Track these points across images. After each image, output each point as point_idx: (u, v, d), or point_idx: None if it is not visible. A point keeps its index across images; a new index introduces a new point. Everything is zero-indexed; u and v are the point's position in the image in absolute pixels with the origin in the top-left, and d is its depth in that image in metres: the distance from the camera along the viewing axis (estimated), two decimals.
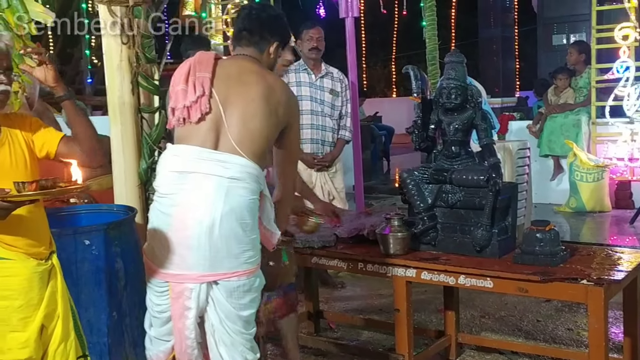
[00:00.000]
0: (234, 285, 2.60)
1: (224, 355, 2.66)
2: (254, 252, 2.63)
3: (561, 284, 3.03)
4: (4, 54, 2.35)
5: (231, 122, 2.61)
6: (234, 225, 2.55)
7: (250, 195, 2.59)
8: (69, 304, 2.49)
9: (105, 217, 3.20)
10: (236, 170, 2.56)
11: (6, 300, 2.32)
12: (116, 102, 3.41)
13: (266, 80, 2.69)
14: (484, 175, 3.31)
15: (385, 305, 4.88)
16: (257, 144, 2.63)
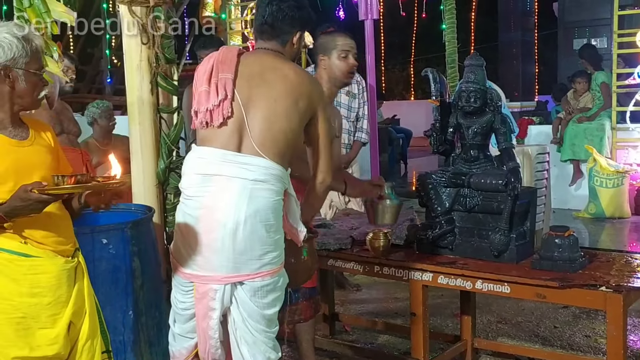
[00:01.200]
0: (257, 285, 2.62)
1: (245, 355, 2.66)
2: (277, 252, 2.65)
3: (580, 290, 3.01)
4: (40, 55, 2.41)
5: (253, 125, 2.60)
6: (257, 227, 2.56)
7: (275, 197, 2.61)
8: (95, 301, 2.52)
9: (123, 216, 3.21)
10: (259, 173, 2.57)
11: (36, 298, 2.34)
12: (135, 102, 3.43)
13: (288, 77, 2.67)
14: (502, 179, 3.30)
15: (401, 309, 4.87)
16: (280, 144, 2.63)
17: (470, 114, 3.49)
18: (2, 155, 2.32)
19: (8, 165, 2.31)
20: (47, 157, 2.44)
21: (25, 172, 2.32)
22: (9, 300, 2.31)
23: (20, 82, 2.33)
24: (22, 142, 2.39)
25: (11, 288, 2.32)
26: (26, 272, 2.33)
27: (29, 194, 2.17)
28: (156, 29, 3.38)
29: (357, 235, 3.78)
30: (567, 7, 11.83)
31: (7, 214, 2.22)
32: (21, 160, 2.35)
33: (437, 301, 4.85)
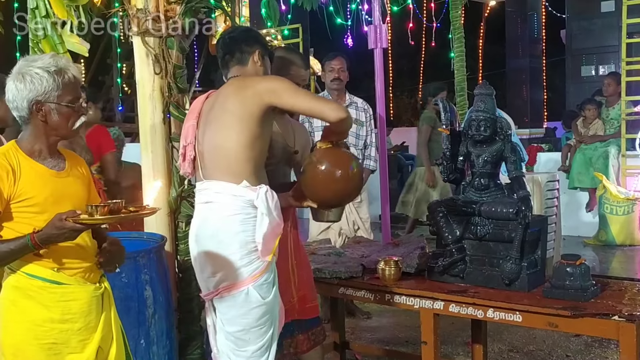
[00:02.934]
0: (217, 300, 2.82)
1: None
2: (233, 268, 2.73)
3: (592, 319, 2.98)
4: (80, 84, 2.47)
5: (204, 154, 2.87)
6: (208, 245, 2.79)
7: (227, 212, 2.75)
8: (120, 327, 2.56)
9: (135, 244, 3.22)
10: (208, 194, 2.82)
11: (67, 324, 2.37)
12: (148, 131, 3.45)
13: (228, 95, 2.83)
14: (513, 208, 3.29)
15: (412, 337, 4.84)
16: (226, 162, 2.78)
17: (481, 143, 3.50)
18: (43, 185, 2.37)
19: (48, 195, 2.37)
20: (81, 187, 2.51)
21: (62, 201, 2.38)
22: (41, 327, 2.35)
23: (52, 115, 2.39)
24: (59, 173, 2.45)
25: (43, 315, 2.35)
26: (58, 299, 2.37)
27: (63, 223, 2.21)
28: (168, 59, 3.42)
29: (368, 263, 3.77)
30: (575, 35, 11.89)
31: (43, 241, 2.26)
32: (59, 190, 2.41)
33: (448, 329, 4.82)
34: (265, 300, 2.77)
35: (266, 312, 2.78)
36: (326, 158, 2.88)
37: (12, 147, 2.42)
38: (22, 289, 2.35)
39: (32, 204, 2.34)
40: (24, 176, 2.35)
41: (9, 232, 2.33)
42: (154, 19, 3.35)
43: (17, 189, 2.32)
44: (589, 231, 7.49)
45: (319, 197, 2.95)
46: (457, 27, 7.21)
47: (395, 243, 4.49)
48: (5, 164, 2.33)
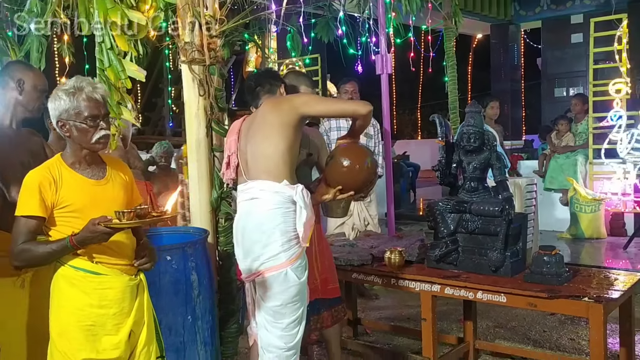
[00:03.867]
0: (259, 280, 2.80)
1: (259, 337, 2.88)
2: (274, 253, 2.74)
3: (566, 300, 2.96)
4: (103, 103, 2.37)
5: (248, 160, 2.89)
6: (254, 234, 2.78)
7: (270, 207, 2.75)
8: (152, 313, 2.50)
9: (184, 237, 3.22)
10: (253, 193, 2.81)
11: (104, 309, 2.33)
12: (194, 143, 3.45)
13: (265, 112, 2.88)
14: (498, 206, 3.28)
15: (413, 315, 4.82)
16: (268, 165, 2.79)
17: (471, 152, 3.48)
18: (81, 193, 2.32)
19: (86, 202, 2.32)
20: (120, 193, 2.44)
21: (100, 206, 2.32)
22: (82, 311, 2.31)
23: (73, 131, 2.32)
24: (98, 181, 2.39)
25: (84, 300, 2.32)
26: (96, 287, 2.33)
27: (96, 227, 2.17)
28: (211, 83, 3.42)
29: (377, 253, 3.76)
30: (549, 62, 11.81)
31: (79, 243, 2.22)
32: (97, 196, 2.35)
33: (443, 308, 4.79)
34: (300, 280, 2.77)
35: (300, 290, 2.79)
36: (348, 153, 2.93)
37: (56, 160, 2.38)
38: (68, 278, 2.32)
39: (72, 210, 2.29)
40: (65, 185, 2.30)
41: (55, 234, 2.30)
42: (199, 50, 3.35)
43: (58, 197, 2.28)
44: (562, 226, 7.43)
45: (343, 184, 2.95)
46: (450, 56, 7.20)
47: (399, 236, 4.48)
48: (48, 176, 2.29)
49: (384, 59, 5.67)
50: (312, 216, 2.80)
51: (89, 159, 2.39)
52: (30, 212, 2.26)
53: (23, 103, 2.77)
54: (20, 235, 2.26)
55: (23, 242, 2.26)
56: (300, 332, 2.83)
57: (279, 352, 2.79)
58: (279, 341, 2.79)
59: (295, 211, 2.75)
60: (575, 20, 11.19)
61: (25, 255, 2.26)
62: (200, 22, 3.30)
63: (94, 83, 2.38)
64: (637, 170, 6.95)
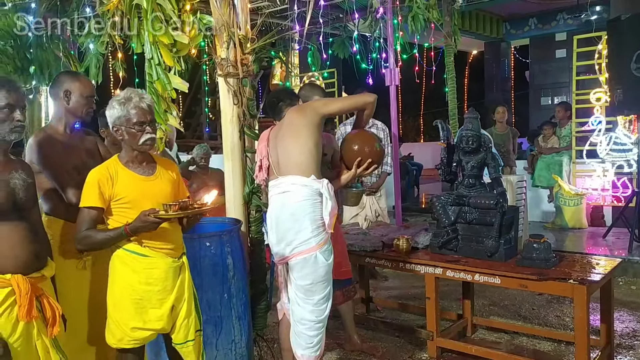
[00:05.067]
0: (292, 262, 2.78)
1: (292, 312, 2.87)
2: (305, 238, 2.73)
3: (553, 282, 2.93)
4: (149, 111, 2.40)
5: (278, 159, 2.87)
6: (287, 223, 2.75)
7: (300, 199, 2.74)
8: (192, 291, 2.51)
9: (221, 226, 3.23)
10: (285, 186, 2.79)
11: (150, 286, 2.36)
12: (229, 146, 3.46)
13: (294, 115, 2.88)
14: (493, 200, 3.25)
15: (418, 294, 4.79)
16: (299, 161, 2.78)
17: (469, 153, 3.45)
18: (133, 187, 2.36)
19: (137, 195, 2.35)
20: (167, 188, 2.46)
21: (149, 199, 2.35)
22: (132, 286, 2.35)
23: (125, 134, 2.37)
24: (148, 178, 2.42)
25: (133, 277, 2.35)
26: (144, 267, 2.36)
27: (146, 218, 2.22)
28: (243, 94, 3.42)
29: (387, 240, 3.75)
30: (536, 74, 11.70)
31: (133, 231, 2.27)
32: (147, 191, 2.38)
33: (444, 288, 4.75)
34: (327, 262, 2.77)
35: (328, 271, 2.79)
36: (358, 138, 3.01)
37: (114, 159, 2.42)
38: (121, 258, 2.36)
39: (125, 202, 2.33)
40: (120, 181, 2.34)
41: (112, 223, 2.35)
42: (233, 65, 3.36)
43: (114, 191, 2.32)
44: (548, 218, 7.35)
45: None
46: (450, 69, 7.15)
47: (406, 226, 4.46)
48: (106, 173, 2.34)
49: (392, 72, 5.63)
50: (336, 206, 2.81)
51: (140, 158, 2.42)
52: (91, 203, 2.31)
53: (72, 110, 2.74)
54: (84, 224, 2.31)
55: (86, 229, 2.31)
56: (328, 307, 2.83)
57: (310, 324, 2.80)
58: (311, 315, 2.79)
59: (322, 202, 2.75)
60: (559, 38, 11.07)
61: (87, 241, 2.31)
62: (234, 41, 3.31)
63: (142, 94, 2.41)
64: (614, 168, 6.85)
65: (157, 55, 3.14)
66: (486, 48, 12.68)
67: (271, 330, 3.80)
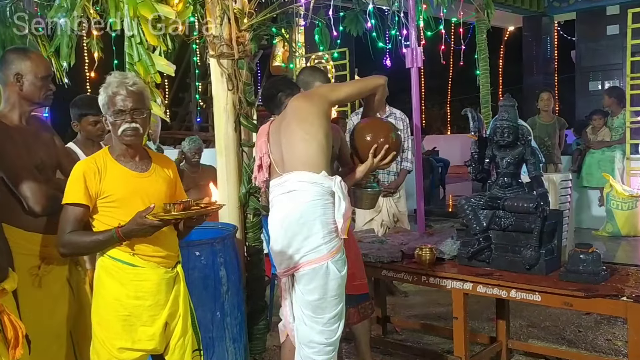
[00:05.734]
0: (300, 274, 2.74)
1: (296, 332, 2.83)
2: (314, 246, 2.70)
3: (603, 299, 2.91)
4: (132, 97, 2.39)
5: (282, 154, 2.84)
6: (292, 227, 2.71)
7: (309, 199, 2.70)
8: (189, 306, 2.53)
9: (212, 232, 3.25)
10: (290, 185, 2.75)
11: (139, 300, 2.38)
12: (222, 138, 3.47)
13: (299, 102, 2.88)
14: (533, 203, 3.23)
15: (443, 313, 4.78)
16: (307, 154, 2.76)
17: (504, 147, 3.43)
18: (123, 184, 2.39)
19: (127, 193, 2.37)
20: (163, 187, 2.48)
21: (141, 198, 2.38)
22: (119, 301, 2.37)
23: (109, 123, 2.42)
24: (142, 174, 2.45)
25: (120, 291, 2.37)
26: (132, 279, 2.38)
27: (144, 219, 2.24)
28: (239, 78, 3.43)
29: (407, 249, 3.74)
30: (584, 54, 11.62)
31: (126, 235, 2.29)
32: (139, 188, 2.41)
33: (474, 307, 4.74)
34: (340, 274, 2.75)
35: (341, 284, 2.77)
36: (370, 127, 3.02)
37: (104, 152, 2.46)
38: (106, 268, 2.38)
39: (113, 200, 2.35)
40: (108, 176, 2.37)
41: (97, 224, 2.37)
42: (227, 44, 3.36)
43: (101, 187, 2.35)
44: (597, 224, 7.31)
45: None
46: (482, 49, 7.11)
47: (430, 233, 4.45)
48: (93, 167, 2.37)
49: (413, 52, 5.61)
50: (350, 208, 2.80)
51: (132, 152, 2.46)
52: (76, 199, 2.33)
53: (27, 96, 2.62)
54: (68, 224, 2.34)
55: (70, 230, 2.33)
56: (340, 328, 2.81)
57: (319, 347, 2.77)
58: (320, 336, 2.76)
59: (334, 203, 2.73)
60: (611, 12, 10.98)
61: (72, 244, 2.34)
62: (229, 16, 3.31)
63: (124, 77, 2.41)
64: None
65: (138, 33, 3.15)
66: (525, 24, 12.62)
67: (271, 354, 3.80)
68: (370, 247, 3.87)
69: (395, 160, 5.11)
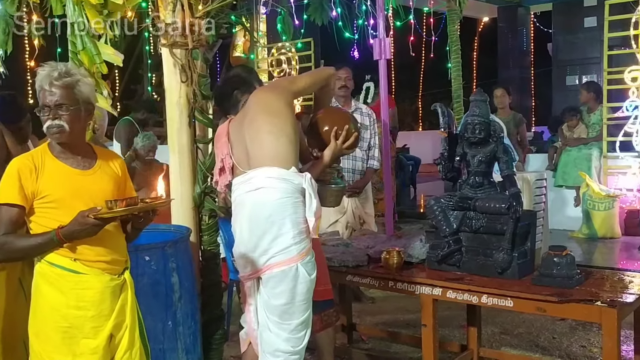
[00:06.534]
0: (267, 277, 2.76)
1: (261, 340, 2.84)
2: (283, 246, 2.72)
3: (577, 304, 2.96)
4: (55, 91, 2.33)
5: (246, 149, 2.87)
6: (260, 226, 2.72)
7: (278, 196, 2.72)
8: (137, 316, 2.50)
9: (163, 235, 3.21)
10: (257, 181, 2.76)
11: (81, 310, 2.34)
12: (175, 134, 3.44)
13: (263, 95, 2.92)
14: (505, 203, 3.27)
15: (412, 320, 4.83)
16: (274, 148, 2.77)
17: (475, 144, 3.48)
18: (63, 182, 2.34)
19: (67, 193, 2.33)
20: (109, 185, 2.45)
21: (83, 197, 2.34)
22: (58, 311, 2.33)
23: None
24: (84, 172, 2.41)
25: (60, 300, 2.33)
26: (73, 287, 2.34)
27: (86, 219, 2.21)
28: (194, 69, 3.41)
29: (373, 253, 3.76)
30: (560, 47, 11.84)
31: (67, 237, 2.25)
32: (81, 187, 2.37)
33: (445, 313, 4.79)
34: (310, 277, 2.77)
35: (310, 289, 2.79)
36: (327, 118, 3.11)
37: (42, 148, 2.41)
38: (45, 275, 2.34)
39: (51, 200, 2.32)
40: (46, 174, 2.33)
41: (35, 226, 2.33)
42: (181, 32, 3.33)
43: (38, 186, 2.31)
44: (574, 225, 7.46)
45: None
46: (454, 40, 7.20)
47: (398, 235, 4.48)
48: (29, 164, 2.33)
49: (382, 43, 5.64)
50: (320, 206, 2.82)
51: (73, 148, 2.41)
52: (10, 199, 2.29)
53: None
54: (1, 226, 2.29)
55: (4, 233, 2.28)
56: (307, 336, 2.83)
57: (285, 356, 2.78)
58: (286, 345, 2.77)
59: (304, 201, 2.75)
60: (588, 3, 11.22)
61: (6, 248, 2.29)
62: (182, 2, 3.28)
63: (53, 70, 2.35)
64: None
65: (82, 19, 3.10)
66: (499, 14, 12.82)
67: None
68: (335, 251, 3.89)
69: (362, 159, 5.19)
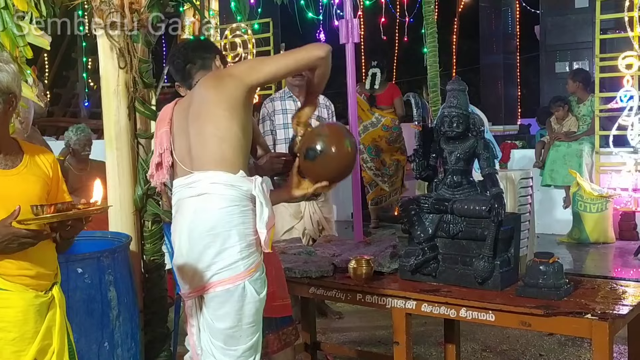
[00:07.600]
0: (210, 296, 2.74)
1: None
2: (230, 261, 2.70)
3: (565, 318, 3.00)
4: None
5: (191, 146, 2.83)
6: (205, 239, 2.70)
7: (224, 205, 2.70)
8: (66, 338, 2.46)
9: (99, 244, 3.18)
10: (201, 187, 2.73)
11: (1, 332, 2.30)
12: (112, 127, 3.41)
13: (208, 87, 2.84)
14: (486, 205, 3.30)
15: (384, 337, 4.85)
16: (220, 150, 2.74)
17: (453, 139, 3.50)
18: None
19: None
20: (36, 187, 2.41)
21: (4, 202, 2.28)
22: None
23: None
24: (5, 171, 2.37)
25: None
26: None
27: (8, 228, 2.16)
28: (134, 53, 3.37)
29: (339, 262, 3.77)
30: (549, 30, 11.98)
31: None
32: (1, 190, 2.33)
33: (420, 329, 4.84)
34: (259, 297, 2.76)
35: (259, 309, 2.77)
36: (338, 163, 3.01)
37: None
38: None
39: None
40: None
41: None
42: (119, 11, 3.30)
43: None
44: (563, 229, 7.56)
45: (322, 174, 3.00)
46: (430, 22, 7.24)
47: (367, 241, 4.49)
48: None
49: (349, 25, 5.66)
50: (273, 216, 2.78)
51: None
52: None
53: None
54: None
55: None
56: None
57: None
58: None
59: (254, 210, 2.73)
60: None
61: None
62: None
63: None
64: None
65: None
66: None
67: None
68: (296, 260, 3.89)
69: None
